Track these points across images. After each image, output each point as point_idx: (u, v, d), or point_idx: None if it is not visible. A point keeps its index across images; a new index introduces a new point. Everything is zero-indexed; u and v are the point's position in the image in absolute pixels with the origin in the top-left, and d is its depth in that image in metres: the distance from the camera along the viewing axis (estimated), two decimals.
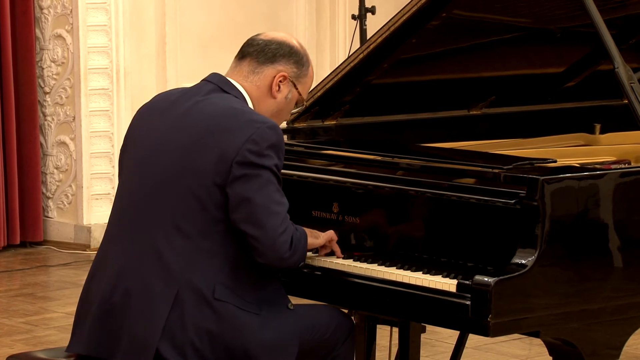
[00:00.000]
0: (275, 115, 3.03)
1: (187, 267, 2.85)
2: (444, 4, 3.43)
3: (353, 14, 6.64)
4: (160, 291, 2.84)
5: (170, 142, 2.91)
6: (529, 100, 4.08)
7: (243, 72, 3.01)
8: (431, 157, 3.29)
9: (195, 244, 2.85)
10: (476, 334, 2.84)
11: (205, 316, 2.84)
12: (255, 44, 3.03)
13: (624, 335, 3.03)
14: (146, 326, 2.84)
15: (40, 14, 6.77)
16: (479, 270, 2.84)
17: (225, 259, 2.87)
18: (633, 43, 3.99)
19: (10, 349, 4.74)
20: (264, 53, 3.01)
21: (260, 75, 3.01)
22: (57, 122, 6.84)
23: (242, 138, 2.84)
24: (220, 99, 2.95)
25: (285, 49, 3.03)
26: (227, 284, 2.86)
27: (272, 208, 2.85)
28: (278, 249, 2.86)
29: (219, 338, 2.85)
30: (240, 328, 2.86)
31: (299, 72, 3.04)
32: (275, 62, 3.01)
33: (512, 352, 4.76)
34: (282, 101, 3.03)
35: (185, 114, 2.94)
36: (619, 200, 2.97)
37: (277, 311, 2.93)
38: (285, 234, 2.86)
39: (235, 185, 2.84)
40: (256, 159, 2.84)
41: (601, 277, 2.94)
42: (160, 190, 2.90)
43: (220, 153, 2.84)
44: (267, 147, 2.85)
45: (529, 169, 3.00)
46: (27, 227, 6.74)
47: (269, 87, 3.01)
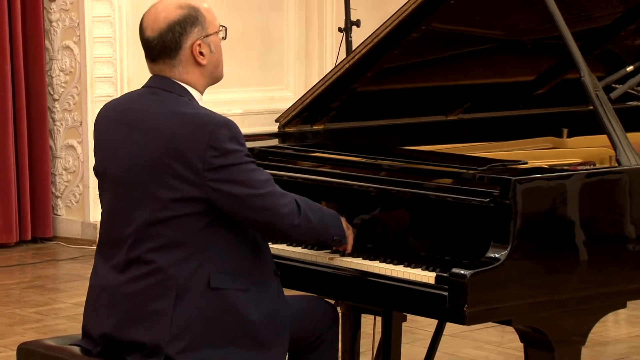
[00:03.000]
0: (215, 68, 2.92)
1: (180, 269, 2.81)
2: (423, 18, 3.43)
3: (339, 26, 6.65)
4: (161, 295, 2.80)
5: (139, 166, 2.82)
6: (502, 107, 4.08)
7: (166, 69, 2.87)
8: (412, 159, 3.29)
9: (183, 246, 2.81)
10: (453, 322, 2.84)
11: (204, 306, 2.82)
12: (154, 45, 2.84)
13: (589, 323, 3.03)
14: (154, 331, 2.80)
15: (50, 27, 6.76)
16: (455, 264, 2.84)
17: (214, 252, 2.83)
18: (597, 54, 4.00)
19: (22, 337, 4.73)
20: (168, 48, 2.84)
21: (181, 62, 2.86)
22: (65, 127, 6.84)
23: (202, 147, 2.75)
24: (167, 105, 2.84)
25: (177, 29, 2.83)
26: (220, 272, 2.83)
27: (261, 191, 2.79)
28: (286, 222, 2.81)
29: (221, 321, 2.83)
30: (237, 308, 2.83)
31: (201, 26, 2.86)
32: (182, 45, 2.84)
33: (486, 339, 4.77)
34: (211, 56, 2.89)
35: (145, 133, 2.83)
36: (584, 199, 2.97)
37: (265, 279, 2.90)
38: (287, 204, 2.82)
39: (217, 191, 2.77)
40: (222, 160, 2.76)
41: (568, 270, 2.94)
42: (139, 205, 2.83)
43: (186, 165, 2.77)
44: (226, 143, 2.77)
45: (502, 170, 3.00)
46: (37, 224, 6.74)
47: (194, 62, 2.86)
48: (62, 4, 6.72)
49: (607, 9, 3.87)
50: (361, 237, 3.11)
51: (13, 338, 4.79)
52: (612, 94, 3.28)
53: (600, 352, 4.65)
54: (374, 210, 3.11)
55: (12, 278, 6.00)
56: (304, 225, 2.85)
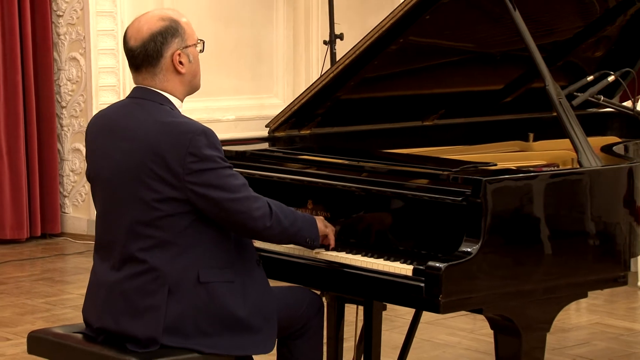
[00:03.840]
0: (193, 77, 2.91)
1: (170, 265, 2.80)
2: (401, 32, 3.44)
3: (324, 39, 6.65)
4: (154, 291, 2.80)
5: (126, 172, 2.82)
6: (473, 113, 4.09)
7: (148, 78, 2.86)
8: (391, 161, 3.29)
9: (171, 245, 2.80)
10: (429, 311, 2.84)
11: (196, 299, 2.82)
12: (137, 54, 2.83)
13: (554, 312, 3.03)
14: (149, 324, 2.80)
15: (58, 40, 6.75)
16: (431, 257, 2.84)
17: (200, 248, 2.83)
18: (560, 64, 4.01)
19: (32, 325, 4.72)
20: (150, 57, 2.83)
21: (162, 71, 2.85)
22: (72, 132, 6.83)
23: (181, 153, 2.75)
24: (150, 115, 2.83)
25: (159, 38, 2.82)
26: (207, 267, 2.83)
27: (236, 195, 2.79)
28: (259, 222, 2.81)
29: (212, 312, 2.83)
30: (225, 298, 2.83)
31: (180, 38, 2.85)
32: (163, 54, 2.83)
33: (459, 326, 4.77)
34: (190, 65, 2.88)
35: (130, 141, 2.82)
36: (549, 198, 2.98)
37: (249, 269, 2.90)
38: (259, 207, 2.81)
39: (196, 193, 2.77)
40: (200, 165, 2.76)
41: (534, 262, 2.94)
42: (126, 206, 2.83)
43: (167, 170, 2.76)
44: (204, 150, 2.76)
45: (474, 171, 3.00)
46: (46, 221, 6.73)
47: (174, 70, 2.86)
48: (69, 19, 6.71)
49: (569, 24, 3.88)
50: (345, 233, 3.11)
51: (24, 326, 4.77)
52: (574, 102, 3.29)
53: (563, 338, 4.66)
54: (357, 208, 3.11)
55: (23, 271, 5.98)
56: (276, 227, 2.85)
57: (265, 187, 3.25)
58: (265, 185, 3.26)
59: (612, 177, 3.11)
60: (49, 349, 2.99)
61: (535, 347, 2.98)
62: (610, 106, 3.45)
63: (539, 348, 2.99)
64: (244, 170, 3.28)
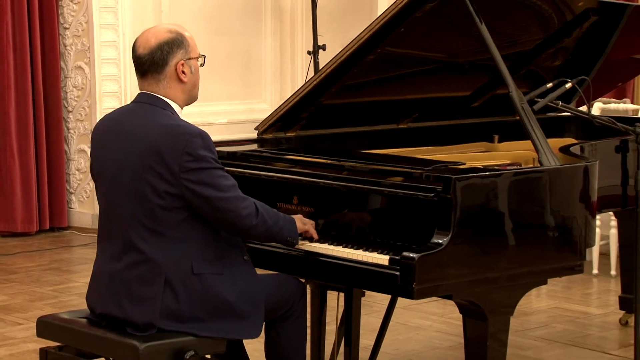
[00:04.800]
0: (193, 88, 2.92)
1: (166, 257, 2.80)
2: (378, 43, 3.43)
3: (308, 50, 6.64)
4: (151, 280, 2.79)
5: (128, 168, 2.82)
6: (444, 117, 4.09)
7: (152, 84, 2.88)
8: (369, 160, 3.29)
9: (167, 237, 2.80)
10: (404, 297, 2.84)
11: (190, 289, 2.81)
12: (144, 61, 2.85)
13: (517, 297, 3.04)
14: (146, 311, 2.79)
15: (64, 50, 6.72)
16: (406, 248, 2.84)
17: (193, 242, 2.83)
18: (523, 73, 4.02)
19: (41, 310, 4.70)
20: (156, 63, 2.84)
21: (166, 77, 2.86)
22: (78, 134, 6.80)
23: (179, 153, 2.75)
24: (152, 117, 2.84)
25: (166, 47, 2.84)
26: (200, 260, 2.83)
27: (224, 193, 2.78)
28: (245, 222, 2.81)
29: (206, 300, 2.83)
30: (217, 288, 2.83)
31: (185, 50, 2.87)
32: (168, 62, 2.85)
33: (431, 311, 4.78)
34: (191, 76, 2.90)
35: (133, 140, 2.83)
36: (512, 193, 2.98)
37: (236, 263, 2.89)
38: (246, 207, 2.81)
39: (190, 190, 2.77)
40: (195, 164, 2.77)
41: (499, 252, 2.95)
42: (128, 202, 2.82)
43: (165, 167, 2.77)
44: (199, 150, 2.77)
45: (444, 170, 3.00)
46: (54, 216, 6.70)
47: (177, 78, 2.87)
48: (74, 31, 6.68)
49: (530, 35, 3.89)
50: (327, 226, 3.10)
51: (33, 312, 4.75)
52: (535, 106, 3.29)
53: (525, 321, 4.67)
54: (338, 204, 3.10)
55: (32, 261, 5.95)
56: (261, 226, 2.85)
57: (255, 185, 3.25)
58: (254, 183, 3.25)
59: (569, 175, 3.12)
60: (56, 333, 2.99)
61: (500, 329, 2.98)
62: (568, 110, 3.46)
63: (504, 330, 2.99)
64: (235, 169, 3.27)
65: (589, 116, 3.47)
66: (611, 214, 5.15)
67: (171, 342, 2.80)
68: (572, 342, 4.36)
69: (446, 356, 4.16)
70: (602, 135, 3.86)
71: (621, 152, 3.73)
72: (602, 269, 5.56)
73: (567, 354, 4.19)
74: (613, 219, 5.35)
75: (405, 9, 3.31)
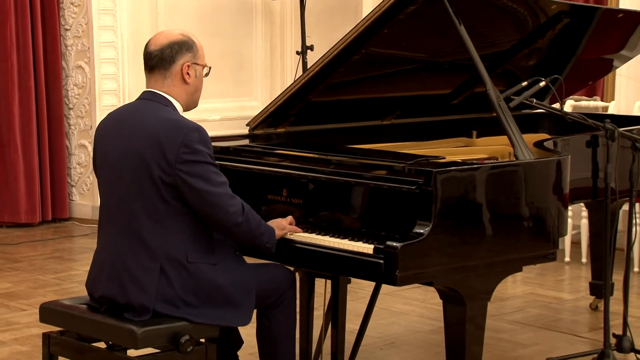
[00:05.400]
0: (195, 92, 2.93)
1: (163, 244, 2.80)
2: (363, 43, 3.43)
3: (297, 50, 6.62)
4: (148, 266, 2.79)
5: (128, 156, 2.82)
6: (425, 114, 4.09)
7: (159, 81, 2.89)
8: (355, 155, 3.28)
9: (164, 226, 2.80)
10: (387, 284, 2.84)
11: (184, 276, 2.81)
12: (154, 56, 2.87)
13: (494, 284, 3.04)
14: (143, 294, 2.79)
15: (65, 50, 6.69)
16: (389, 238, 2.83)
17: (189, 232, 2.82)
18: (499, 72, 4.02)
19: (44, 297, 4.68)
20: (164, 60, 2.86)
21: (171, 76, 2.88)
22: (78, 130, 6.77)
23: (177, 144, 2.76)
24: (154, 112, 2.84)
25: (176, 47, 2.86)
26: (195, 250, 2.83)
27: (215, 188, 2.78)
28: (231, 219, 2.80)
29: (199, 288, 2.82)
30: (210, 277, 2.83)
31: (193, 54, 2.89)
32: (175, 60, 2.86)
33: (413, 297, 4.78)
34: (195, 80, 2.91)
35: (135, 130, 2.84)
36: (489, 186, 2.98)
37: (229, 258, 2.90)
38: (233, 206, 2.80)
39: (183, 181, 2.77)
40: (192, 157, 2.77)
41: (477, 242, 2.95)
42: (128, 190, 2.82)
43: (163, 158, 2.77)
44: (196, 145, 2.77)
45: (425, 164, 3.00)
46: (56, 208, 6.68)
47: (181, 78, 2.88)
48: (75, 32, 6.65)
49: (506, 37, 3.89)
50: (314, 217, 3.09)
51: (37, 299, 4.73)
52: (510, 104, 3.30)
53: (502, 306, 4.68)
54: (325, 196, 3.10)
55: (35, 251, 5.93)
56: (245, 226, 2.84)
57: (246, 178, 3.24)
58: (246, 176, 3.24)
59: (543, 169, 3.12)
60: (58, 318, 2.98)
61: (477, 314, 2.98)
62: (542, 107, 3.46)
63: (481, 315, 3.00)
64: (227, 164, 3.26)
65: (562, 113, 3.48)
66: (582, 205, 5.16)
67: (167, 327, 2.80)
68: (546, 325, 4.38)
69: (427, 339, 4.17)
70: (573, 131, 3.86)
71: (592, 147, 3.74)
72: (574, 257, 5.57)
73: (541, 337, 4.21)
74: (584, 209, 5.37)
75: (388, 11, 3.30)
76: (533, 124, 4.42)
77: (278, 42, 7.31)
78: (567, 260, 5.53)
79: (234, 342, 3.26)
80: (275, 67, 7.33)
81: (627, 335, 3.70)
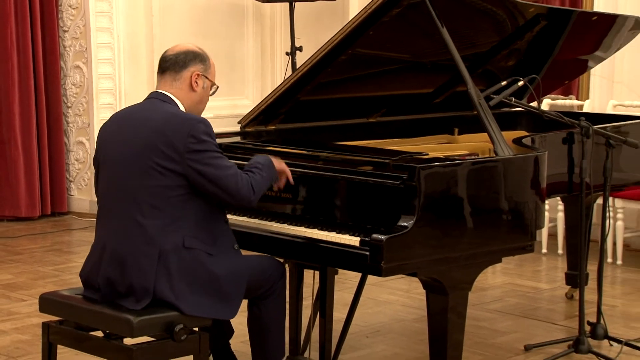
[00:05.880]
0: (199, 103, 2.97)
1: (161, 230, 2.79)
2: (350, 44, 3.42)
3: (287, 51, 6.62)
4: (147, 252, 2.79)
5: (134, 146, 2.84)
6: (409, 112, 4.09)
7: (168, 82, 2.93)
8: (342, 151, 3.28)
9: (163, 213, 2.80)
10: (373, 275, 2.84)
11: (182, 261, 2.81)
12: (169, 59, 2.93)
13: (474, 274, 3.05)
14: (142, 278, 2.79)
15: (64, 51, 6.66)
16: (375, 231, 2.84)
17: (187, 219, 2.83)
18: (480, 72, 4.02)
19: (43, 288, 4.66)
20: (177, 64, 2.92)
21: (180, 79, 2.93)
22: (76, 128, 6.75)
23: (184, 134, 2.79)
24: (160, 107, 2.89)
25: (190, 55, 2.93)
26: (192, 236, 2.83)
27: (225, 172, 2.81)
28: (244, 197, 2.83)
29: (194, 272, 2.82)
30: (206, 264, 2.83)
31: (205, 66, 2.95)
32: (187, 67, 2.92)
33: (397, 287, 4.79)
34: (201, 91, 2.96)
35: (140, 123, 2.87)
36: (470, 181, 2.98)
37: (227, 251, 2.91)
38: (244, 186, 2.83)
39: (194, 169, 2.79)
40: (199, 146, 2.79)
41: (458, 234, 2.95)
42: (131, 177, 2.83)
43: (171, 147, 2.79)
44: (202, 135, 2.81)
45: (409, 159, 3.00)
46: (55, 202, 6.66)
47: (189, 85, 2.93)
48: (73, 34, 6.63)
49: (486, 38, 3.89)
50: (303, 210, 3.09)
51: (37, 289, 4.71)
52: (490, 102, 3.30)
53: (482, 295, 4.69)
54: (313, 190, 3.09)
55: (35, 243, 5.91)
56: (256, 195, 2.86)
57: None
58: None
59: (521, 164, 3.13)
60: (58, 308, 2.97)
61: (459, 303, 2.99)
62: (520, 106, 3.47)
63: (462, 304, 3.00)
64: None
65: (539, 111, 3.48)
66: (559, 199, 5.18)
67: (161, 317, 2.79)
68: (524, 314, 4.39)
69: (411, 328, 4.17)
70: (550, 128, 3.87)
71: (567, 144, 3.75)
72: (551, 249, 5.59)
73: (519, 325, 4.22)
74: (560, 203, 5.39)
75: (373, 14, 3.30)
76: (512, 121, 4.43)
77: (268, 44, 7.30)
78: (544, 251, 5.55)
79: (226, 331, 3.27)
80: (265, 67, 7.31)
81: (601, 323, 3.72)
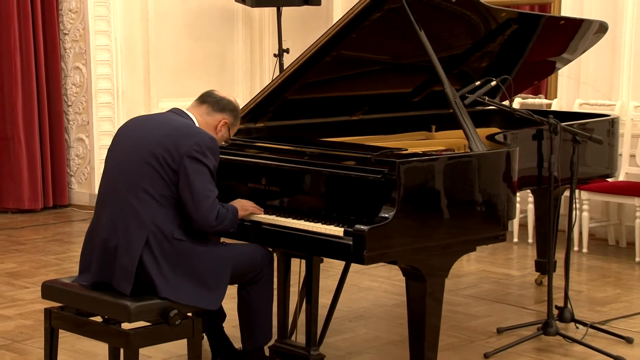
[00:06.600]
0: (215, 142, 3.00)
1: (153, 217, 2.80)
2: (334, 47, 3.41)
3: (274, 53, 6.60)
4: (136, 234, 2.79)
5: (143, 140, 2.87)
6: (389, 110, 4.09)
7: (201, 111, 2.99)
8: (326, 147, 3.27)
9: (157, 202, 2.81)
10: (356, 263, 2.84)
11: (167, 250, 2.81)
12: (214, 96, 3.03)
13: (450, 262, 3.05)
14: (128, 258, 2.79)
15: (64, 53, 6.63)
16: (357, 222, 2.83)
17: (179, 211, 2.84)
18: (456, 72, 4.02)
19: (45, 276, 4.64)
20: (218, 104, 3.01)
21: (212, 117, 2.99)
22: (76, 125, 6.72)
23: (191, 141, 2.82)
24: (178, 119, 2.95)
25: (231, 106, 3.04)
26: (182, 228, 2.83)
27: (205, 193, 2.82)
28: (207, 220, 2.83)
29: (179, 262, 2.82)
30: (192, 255, 2.83)
31: (234, 121, 3.04)
32: (223, 112, 3.01)
33: (379, 274, 4.79)
34: (220, 136, 3.03)
35: (158, 124, 2.91)
36: (447, 175, 2.98)
37: (216, 245, 2.92)
38: (212, 211, 2.83)
39: (185, 171, 2.80)
40: (200, 157, 2.82)
41: (436, 225, 2.95)
42: (132, 163, 2.85)
43: (176, 148, 2.81)
44: (206, 149, 2.84)
45: (390, 155, 3.00)
46: (57, 195, 6.64)
47: (215, 126, 3.00)
48: (73, 36, 6.59)
49: (461, 41, 3.89)
50: (290, 202, 3.08)
51: (39, 277, 4.69)
52: (465, 101, 3.30)
53: (458, 282, 4.70)
54: (300, 184, 3.09)
55: (38, 234, 5.88)
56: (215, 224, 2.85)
57: (229, 168, 3.22)
58: (229, 167, 3.23)
59: (494, 159, 3.13)
60: (59, 295, 2.96)
61: (436, 289, 2.99)
62: (493, 104, 3.47)
63: (439, 290, 3.01)
64: None
65: (511, 109, 3.49)
66: (529, 191, 5.20)
67: (157, 302, 2.79)
68: (496, 299, 4.40)
69: (392, 312, 4.18)
70: (521, 126, 3.88)
71: (537, 140, 3.76)
72: (521, 238, 5.61)
73: (492, 309, 4.23)
74: (530, 195, 5.41)
75: (356, 18, 3.29)
76: (485, 119, 4.43)
77: (257, 46, 7.29)
78: (515, 240, 5.57)
79: (219, 316, 3.26)
80: (254, 68, 7.30)
81: (568, 307, 3.74)
